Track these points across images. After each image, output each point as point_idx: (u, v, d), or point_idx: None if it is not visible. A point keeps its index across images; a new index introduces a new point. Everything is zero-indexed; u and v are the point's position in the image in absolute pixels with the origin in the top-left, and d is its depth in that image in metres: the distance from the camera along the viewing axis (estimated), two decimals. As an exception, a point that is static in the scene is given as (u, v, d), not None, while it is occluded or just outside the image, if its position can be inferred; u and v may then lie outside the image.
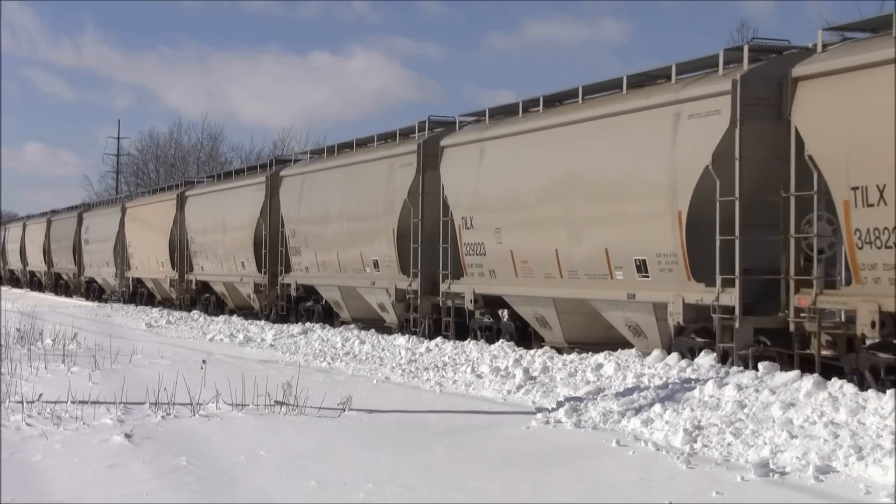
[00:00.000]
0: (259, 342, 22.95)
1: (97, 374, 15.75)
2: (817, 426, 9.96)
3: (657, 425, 10.64)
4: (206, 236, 34.35)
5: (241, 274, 31.37)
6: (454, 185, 20.77)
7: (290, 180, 28.77)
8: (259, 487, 8.30)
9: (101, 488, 8.23)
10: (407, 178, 22.27)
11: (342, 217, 25.16)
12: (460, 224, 20.42)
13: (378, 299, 23.76)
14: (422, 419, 11.74)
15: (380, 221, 23.30)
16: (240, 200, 31.60)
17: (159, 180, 68.99)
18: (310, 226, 26.95)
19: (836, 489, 8.18)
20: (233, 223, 31.95)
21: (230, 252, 31.98)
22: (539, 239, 18.00)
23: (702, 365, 14.10)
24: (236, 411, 11.97)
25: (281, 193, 28.99)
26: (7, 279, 67.46)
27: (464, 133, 21.10)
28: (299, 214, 27.57)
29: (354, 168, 25.14)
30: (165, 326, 29.11)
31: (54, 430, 10.64)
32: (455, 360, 17.37)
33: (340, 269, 25.31)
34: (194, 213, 35.71)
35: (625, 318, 16.42)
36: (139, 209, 41.81)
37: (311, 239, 26.80)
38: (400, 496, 8.02)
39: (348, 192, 25.03)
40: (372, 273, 23.78)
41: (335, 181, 25.88)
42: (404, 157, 22.66)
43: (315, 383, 14.21)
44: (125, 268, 43.04)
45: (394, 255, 22.71)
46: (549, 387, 13.91)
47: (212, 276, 34.09)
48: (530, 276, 18.30)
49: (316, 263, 26.65)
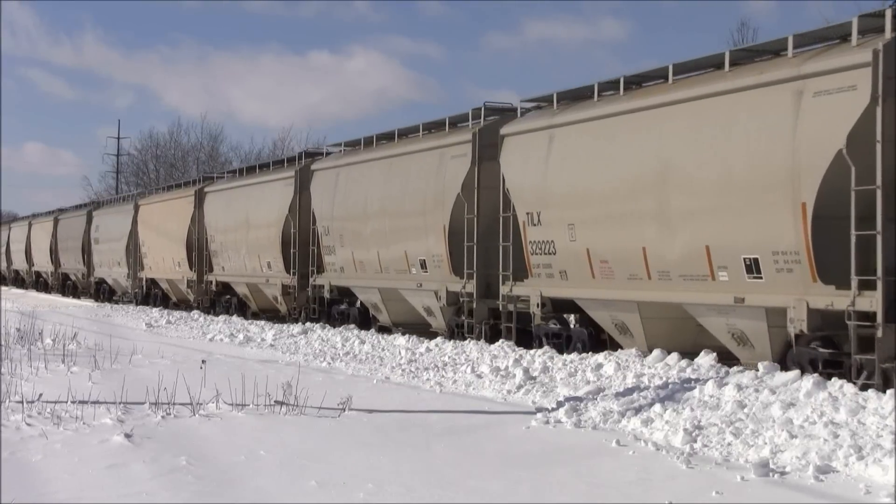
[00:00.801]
0: (259, 342, 22.94)
1: (97, 373, 15.75)
2: (817, 426, 9.96)
3: (657, 425, 10.64)
4: (227, 235, 32.54)
5: (266, 275, 29.66)
6: (517, 177, 18.91)
7: (323, 174, 26.80)
8: (259, 487, 8.30)
9: (101, 488, 8.22)
10: (460, 170, 20.45)
11: (384, 213, 23.24)
12: (525, 220, 18.55)
13: (424, 302, 21.98)
14: (422, 419, 11.74)
15: (428, 218, 21.49)
16: (266, 196, 29.82)
17: (159, 180, 69.02)
18: (346, 223, 25.07)
19: (836, 489, 8.17)
20: (258, 220, 30.17)
21: (255, 251, 30.32)
22: (622, 236, 16.18)
23: (702, 365, 14.11)
24: (236, 411, 11.97)
25: (312, 188, 27.11)
26: (11, 280, 65.89)
27: (528, 120, 19.15)
28: (333, 210, 25.69)
29: (398, 160, 23.17)
30: (165, 326, 29.11)
31: (54, 430, 10.64)
32: (455, 360, 17.37)
33: (381, 269, 23.40)
34: (214, 210, 33.90)
35: (728, 325, 14.58)
36: (153, 207, 40.05)
37: (348, 237, 24.95)
38: (400, 496, 8.02)
39: (391, 186, 23.13)
40: (418, 274, 21.91)
41: (375, 174, 24.00)
42: (457, 146, 20.84)
43: (315, 383, 14.21)
44: (138, 268, 41.37)
45: (445, 255, 20.89)
46: (549, 387, 13.91)
47: (234, 276, 32.29)
48: (610, 277, 16.54)
49: (352, 263, 24.77)
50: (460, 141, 20.77)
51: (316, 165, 27.34)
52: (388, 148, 24.03)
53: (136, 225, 41.14)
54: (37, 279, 59.39)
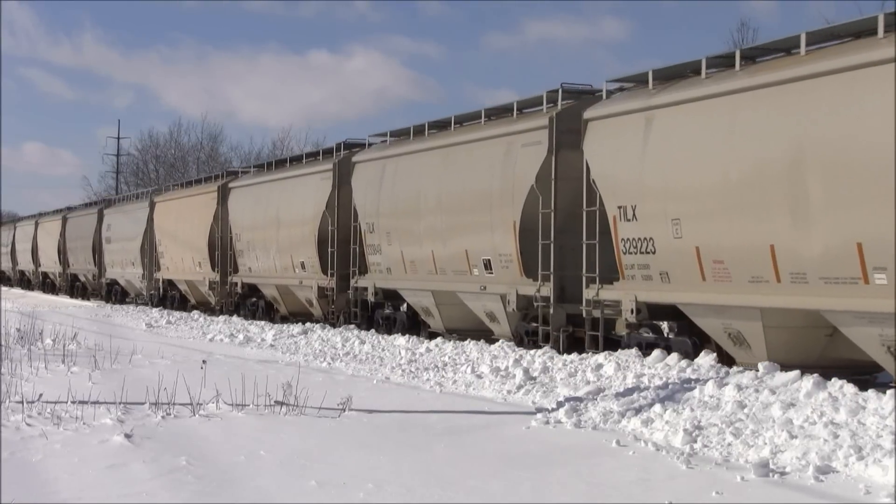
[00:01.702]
0: (259, 342, 22.95)
1: (97, 374, 15.75)
2: (817, 426, 9.96)
3: (657, 425, 10.64)
4: (255, 233, 30.37)
5: (300, 276, 27.43)
6: (606, 166, 16.70)
7: (366, 167, 24.50)
8: (259, 487, 8.30)
9: (101, 488, 8.23)
10: (534, 160, 18.29)
11: (440, 208, 21.09)
12: (616, 215, 16.30)
13: (487, 307, 19.85)
14: (422, 419, 11.74)
15: (495, 213, 19.29)
16: (299, 191, 27.65)
17: (159, 180, 69.01)
18: (394, 219, 22.81)
19: (836, 489, 8.18)
20: (290, 218, 27.98)
21: (286, 251, 28.14)
22: (743, 232, 13.92)
23: (702, 365, 14.11)
24: (236, 411, 11.97)
25: (354, 182, 24.84)
26: (16, 281, 64.25)
27: (618, 102, 16.99)
28: (379, 206, 23.41)
29: (457, 150, 20.95)
30: (165, 326, 29.11)
31: (54, 430, 10.64)
32: (455, 361, 17.37)
33: (436, 270, 21.29)
34: (240, 206, 31.73)
35: (881, 336, 12.49)
36: (171, 204, 37.96)
37: (397, 234, 22.69)
38: (400, 496, 8.02)
39: (449, 179, 20.95)
40: (481, 275, 19.80)
41: (429, 166, 21.75)
42: (529, 133, 18.59)
43: (315, 383, 14.21)
44: (154, 269, 39.23)
45: (515, 254, 18.66)
46: (549, 387, 13.91)
47: (262, 278, 30.12)
48: (725, 280, 14.32)
49: (402, 263, 22.51)
50: (533, 127, 18.55)
51: (358, 157, 25.17)
52: (444, 136, 21.83)
53: (152, 223, 39.24)
54: (43, 280, 57.89)
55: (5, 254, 67.69)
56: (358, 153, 25.43)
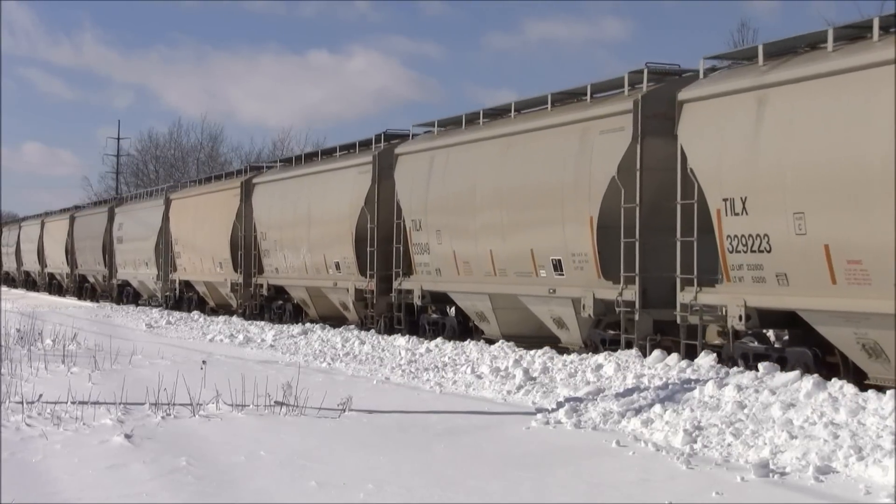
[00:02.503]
0: (259, 343, 22.95)
1: (97, 374, 15.75)
2: (817, 427, 9.96)
3: (657, 426, 10.65)
4: (282, 231, 28.49)
5: (334, 278, 25.65)
6: (707, 153, 14.85)
7: (411, 159, 22.70)
8: (259, 487, 8.30)
9: (101, 489, 8.23)
10: (615, 148, 16.53)
11: (499, 203, 19.38)
12: (721, 209, 14.52)
13: (555, 312, 18.06)
14: (422, 420, 11.75)
15: (567, 208, 17.49)
16: (334, 186, 25.80)
17: (159, 181, 69.03)
18: (444, 215, 21.11)
19: (836, 489, 8.18)
20: (323, 215, 26.15)
21: (318, 250, 26.33)
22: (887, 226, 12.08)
23: (702, 365, 14.11)
24: (236, 412, 11.98)
25: (397, 175, 23.04)
26: (22, 282, 62.40)
27: (721, 81, 15.09)
28: (427, 201, 21.66)
29: (519, 139, 19.22)
30: (165, 327, 29.12)
31: (54, 430, 10.65)
32: (455, 361, 17.37)
33: (494, 271, 19.56)
34: (266, 203, 29.85)
35: None
36: (189, 201, 36.02)
37: (448, 232, 20.99)
38: (400, 496, 8.03)
39: (509, 171, 19.21)
40: (550, 277, 17.94)
41: (486, 157, 20.04)
42: (608, 119, 16.90)
43: (315, 384, 14.21)
44: (169, 269, 37.39)
45: (591, 254, 16.99)
46: (549, 387, 13.92)
47: (290, 279, 28.33)
48: (863, 283, 12.52)
49: (454, 264, 20.81)
50: (615, 112, 16.83)
51: (401, 148, 23.23)
52: (503, 125, 20.08)
53: (167, 222, 37.41)
54: (50, 281, 56.07)
55: (9, 254, 66.35)
56: (401, 144, 23.59)
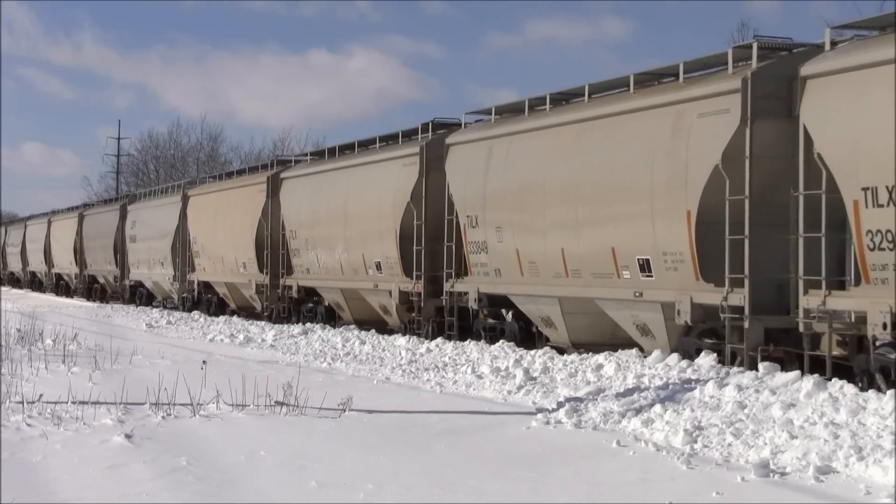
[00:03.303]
0: (259, 342, 22.95)
1: (97, 374, 15.76)
2: (818, 426, 9.96)
3: (657, 426, 10.64)
4: (314, 229, 26.62)
5: (374, 279, 23.80)
6: (842, 134, 12.95)
7: (466, 149, 20.84)
8: (259, 487, 8.30)
9: (102, 488, 8.23)
10: (717, 134, 14.57)
11: (572, 197, 17.34)
12: (859, 200, 12.65)
13: (639, 318, 16.21)
14: (422, 419, 11.75)
15: (657, 202, 15.50)
16: (375, 180, 23.93)
17: (159, 180, 69.05)
18: (506, 211, 19.20)
19: (837, 489, 8.18)
20: (362, 211, 24.30)
21: (356, 249, 24.53)
22: None
23: (702, 365, 14.11)
24: (236, 412, 11.98)
25: (449, 167, 21.18)
26: (28, 282, 60.62)
27: (852, 53, 13.21)
28: (485, 195, 19.75)
29: (597, 125, 17.14)
30: (166, 327, 29.12)
31: (54, 430, 10.65)
32: (455, 361, 17.37)
33: (566, 272, 17.51)
34: (296, 199, 27.97)
35: None
36: (208, 198, 34.23)
37: (510, 229, 19.03)
38: (400, 496, 8.03)
39: (585, 160, 17.18)
40: (635, 279, 15.94)
41: (557, 145, 18.00)
42: (710, 101, 14.92)
43: (315, 384, 14.22)
44: (187, 269, 35.65)
45: (688, 253, 14.92)
46: (550, 387, 13.92)
47: (323, 280, 26.50)
48: None
49: (517, 264, 18.85)
50: (718, 92, 14.82)
51: (454, 138, 21.41)
52: (575, 109, 18.14)
53: (185, 219, 35.72)
54: (57, 282, 54.21)
55: (14, 254, 64.78)
56: (453, 134, 21.67)
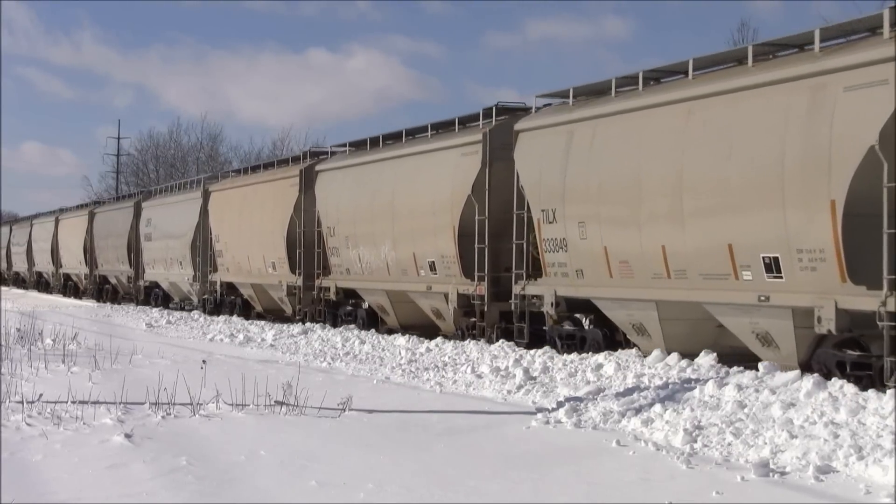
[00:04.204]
0: (259, 342, 22.95)
1: (97, 374, 15.76)
2: (817, 426, 9.97)
3: (657, 425, 10.65)
4: (356, 226, 24.55)
5: (427, 280, 21.68)
6: None
7: (540, 136, 18.54)
8: (259, 487, 8.30)
9: (101, 488, 8.23)
10: (871, 109, 12.39)
11: (678, 186, 15.07)
12: None
13: (761, 325, 14.10)
14: (422, 419, 11.75)
15: (789, 189, 13.46)
16: (428, 171, 21.89)
17: (159, 180, 69.02)
18: (591, 204, 16.89)
19: (837, 489, 8.18)
20: (413, 206, 22.26)
21: (406, 248, 22.47)
22: None
23: (702, 365, 14.12)
24: (236, 411, 11.98)
25: (518, 156, 19.00)
26: (33, 283, 58.69)
27: None
28: (565, 187, 17.53)
29: (707, 105, 14.88)
30: (165, 326, 29.12)
31: (54, 430, 10.65)
32: (455, 361, 17.37)
33: (668, 272, 15.27)
34: (333, 193, 25.87)
35: None
36: (232, 193, 32.35)
37: (596, 224, 16.76)
38: (400, 496, 8.03)
39: (693, 144, 14.94)
40: (759, 280, 13.89)
41: (656, 128, 15.74)
42: (857, 71, 12.67)
43: (315, 383, 14.22)
44: (209, 269, 33.84)
45: (832, 249, 12.90)
46: (550, 387, 13.92)
47: (366, 282, 24.29)
48: None
49: (604, 263, 16.55)
50: (866, 61, 12.62)
51: (524, 123, 19.19)
52: (679, 88, 15.78)
53: (206, 216, 33.88)
54: (65, 282, 52.45)
55: (19, 254, 62.72)
56: (523, 119, 19.45)
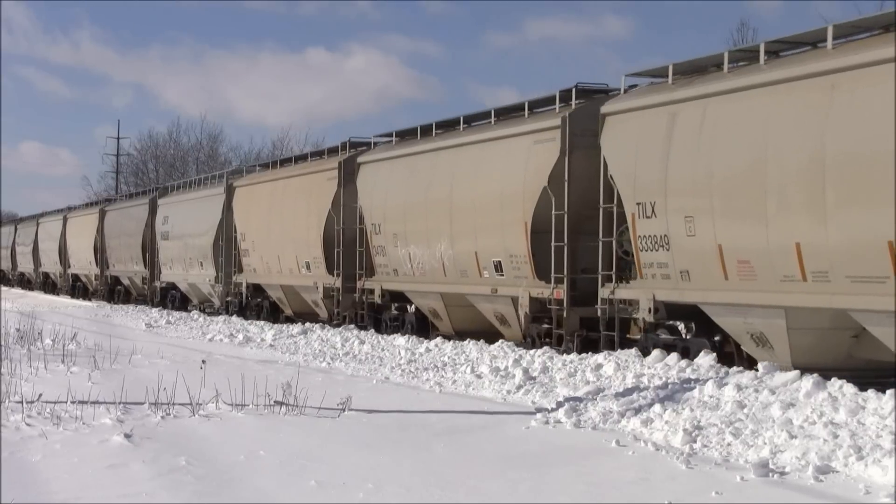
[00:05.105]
0: (258, 342, 22.95)
1: (97, 374, 15.76)
2: (817, 426, 9.97)
3: (657, 425, 10.65)
4: (407, 223, 22.45)
5: (492, 283, 19.46)
6: None
7: (633, 119, 16.28)
8: (259, 487, 8.31)
9: (101, 488, 8.23)
10: None
11: (818, 173, 12.71)
12: None
13: None
14: (421, 419, 11.75)
15: None
16: (493, 162, 19.77)
17: (158, 180, 69.01)
18: (701, 196, 14.52)
19: (836, 489, 8.18)
20: (475, 199, 20.11)
21: (466, 246, 20.29)
22: None
23: (701, 365, 14.11)
24: (236, 411, 11.98)
25: (605, 142, 16.71)
26: (39, 284, 57.27)
27: None
28: (667, 176, 15.13)
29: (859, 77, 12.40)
30: (165, 326, 29.13)
31: (54, 430, 10.65)
32: (455, 361, 17.37)
33: (803, 273, 13.01)
34: (379, 187, 23.76)
35: None
36: (260, 188, 30.58)
37: (708, 218, 14.41)
38: (399, 496, 8.03)
39: (839, 125, 12.53)
40: None
41: (787, 108, 13.34)
42: None
43: (315, 383, 14.22)
44: (233, 270, 32.00)
45: None
46: (549, 387, 13.92)
47: (418, 284, 22.15)
48: None
49: (719, 263, 14.24)
50: None
51: (613, 105, 16.87)
52: (819, 58, 13.17)
53: (230, 213, 32.08)
54: (73, 283, 50.81)
55: (24, 254, 61.27)
56: (612, 100, 17.21)
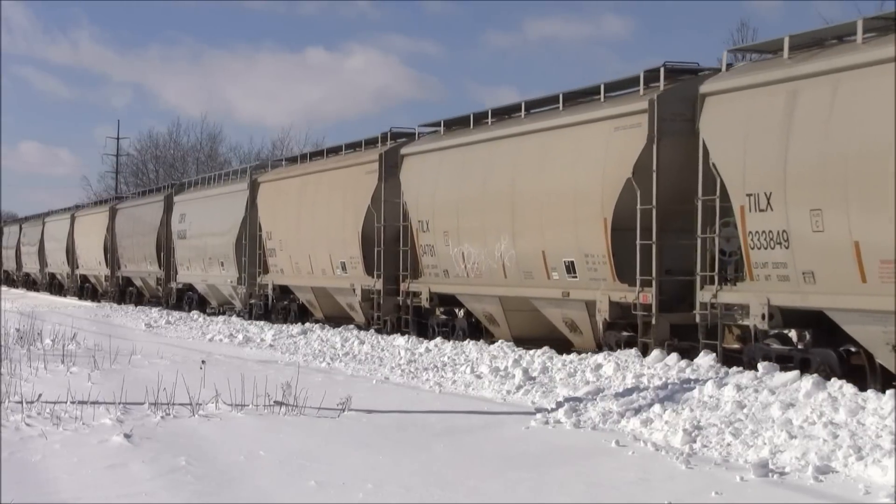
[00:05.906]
0: (258, 342, 22.95)
1: (96, 374, 15.76)
2: (817, 426, 9.97)
3: (656, 425, 10.65)
4: (460, 219, 20.52)
5: (563, 285, 17.62)
6: None
7: (739, 101, 14.29)
8: (259, 487, 8.31)
9: (101, 488, 8.24)
10: None
11: None
12: None
13: None
14: (421, 419, 11.75)
15: None
16: (563, 151, 17.77)
17: (158, 180, 69.00)
18: (831, 186, 12.62)
19: (836, 489, 8.19)
20: (541, 193, 18.17)
21: (532, 245, 18.42)
22: None
23: (701, 365, 14.12)
24: (236, 411, 11.98)
25: (706, 127, 14.78)
26: (45, 285, 55.90)
27: None
28: (787, 164, 13.16)
29: None
30: (165, 327, 29.11)
31: (54, 430, 10.65)
32: (454, 361, 17.37)
33: None
34: (427, 180, 21.82)
35: None
36: (288, 184, 28.82)
37: (840, 211, 12.47)
38: (399, 496, 8.03)
39: None
40: None
41: None
42: None
43: (314, 383, 14.22)
44: (258, 271, 30.24)
45: None
46: (549, 387, 13.92)
47: (471, 287, 20.29)
48: None
49: (854, 262, 12.31)
50: None
51: (712, 85, 14.87)
52: None
53: (255, 210, 30.37)
54: (82, 284, 49.43)
55: (30, 254, 59.55)
56: (711, 79, 15.15)
